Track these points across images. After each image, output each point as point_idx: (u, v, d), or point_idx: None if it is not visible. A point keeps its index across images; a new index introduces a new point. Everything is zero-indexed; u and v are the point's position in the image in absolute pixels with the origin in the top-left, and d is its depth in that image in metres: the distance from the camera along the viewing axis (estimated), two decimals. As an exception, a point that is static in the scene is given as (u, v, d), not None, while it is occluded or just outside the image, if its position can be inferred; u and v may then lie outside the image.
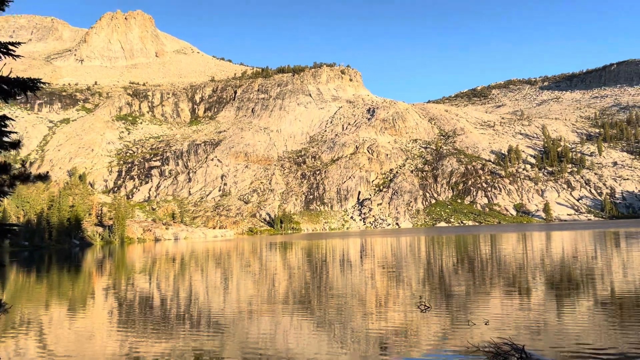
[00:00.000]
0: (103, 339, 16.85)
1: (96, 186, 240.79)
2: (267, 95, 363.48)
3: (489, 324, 17.06)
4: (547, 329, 16.07)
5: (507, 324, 17.10)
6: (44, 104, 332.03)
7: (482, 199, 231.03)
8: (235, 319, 19.37)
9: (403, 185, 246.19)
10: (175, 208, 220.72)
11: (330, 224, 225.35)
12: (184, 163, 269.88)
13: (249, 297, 25.08)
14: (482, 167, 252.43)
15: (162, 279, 36.76)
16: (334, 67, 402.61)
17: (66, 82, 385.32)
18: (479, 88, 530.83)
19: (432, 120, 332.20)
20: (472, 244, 65.96)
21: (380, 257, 49.82)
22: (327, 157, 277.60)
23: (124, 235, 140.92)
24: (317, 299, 23.29)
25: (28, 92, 13.50)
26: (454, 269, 34.75)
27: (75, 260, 65.92)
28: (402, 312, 19.42)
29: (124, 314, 21.53)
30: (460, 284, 26.70)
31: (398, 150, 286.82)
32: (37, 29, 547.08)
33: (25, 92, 13.43)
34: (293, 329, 17.26)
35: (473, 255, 47.01)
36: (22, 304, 26.00)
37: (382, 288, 26.32)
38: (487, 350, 13.36)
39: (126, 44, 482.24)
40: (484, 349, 13.56)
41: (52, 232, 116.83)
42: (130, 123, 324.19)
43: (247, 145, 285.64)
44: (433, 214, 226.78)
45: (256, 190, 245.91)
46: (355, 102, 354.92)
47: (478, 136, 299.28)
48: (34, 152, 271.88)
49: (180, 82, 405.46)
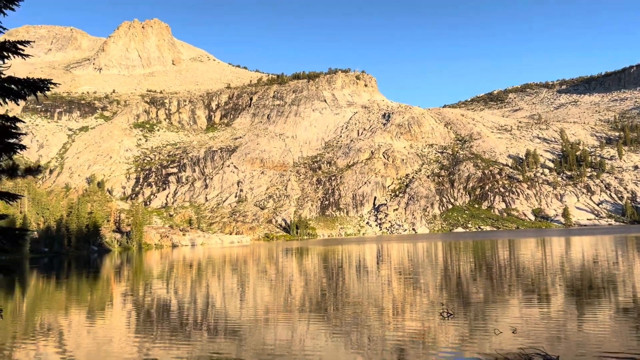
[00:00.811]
0: (121, 345, 16.94)
1: (114, 193, 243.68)
2: (283, 102, 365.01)
3: (517, 332, 16.50)
4: (575, 337, 15.64)
5: (534, 332, 16.55)
6: (64, 112, 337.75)
7: (500, 204, 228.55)
8: (251, 325, 19.33)
9: (419, 190, 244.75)
10: (192, 214, 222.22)
11: (346, 229, 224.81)
12: (201, 169, 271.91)
13: (266, 303, 25.04)
14: (499, 172, 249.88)
15: (179, 284, 36.93)
16: (348, 73, 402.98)
17: (85, 90, 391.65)
18: (496, 92, 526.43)
19: (448, 125, 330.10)
20: (490, 250, 65.17)
21: (397, 262, 49.46)
22: (343, 163, 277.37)
23: (142, 242, 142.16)
24: (333, 306, 23.15)
25: (38, 93, 13.47)
26: (472, 275, 34.31)
27: (93, 266, 66.66)
28: (421, 319, 19.18)
29: (142, 320, 21.64)
30: (480, 290, 26.33)
31: (414, 155, 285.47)
32: (57, 39, 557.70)
33: (35, 92, 13.39)
34: (310, 336, 17.15)
35: (492, 261, 46.42)
36: (42, 309, 26.30)
37: (400, 294, 26.08)
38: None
39: (143, 53, 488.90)
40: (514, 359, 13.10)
41: (71, 239, 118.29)
42: (147, 130, 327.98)
43: (262, 151, 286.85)
44: (450, 219, 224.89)
45: (272, 196, 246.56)
46: (370, 108, 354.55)
47: (495, 140, 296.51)
48: (53, 159, 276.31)
49: (196, 90, 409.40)
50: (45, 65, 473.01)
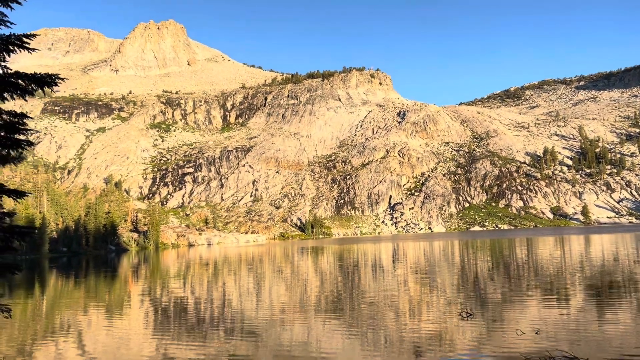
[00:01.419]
0: (139, 343, 17.05)
1: (132, 193, 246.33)
2: (297, 101, 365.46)
3: (540, 333, 15.98)
4: (599, 339, 15.17)
5: (557, 333, 15.98)
6: (81, 114, 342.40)
7: (518, 202, 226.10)
8: (268, 324, 19.32)
9: (435, 188, 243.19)
10: (208, 214, 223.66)
11: (361, 228, 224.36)
12: (216, 169, 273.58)
13: (282, 302, 25.03)
14: (516, 170, 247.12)
15: (196, 283, 37.14)
16: (363, 71, 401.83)
17: (102, 91, 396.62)
18: (512, 89, 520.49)
19: (464, 123, 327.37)
20: (508, 248, 64.43)
21: (413, 261, 49.14)
22: (358, 162, 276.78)
23: (159, 241, 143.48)
24: (349, 305, 23.04)
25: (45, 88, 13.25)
26: (490, 274, 33.92)
27: (111, 265, 67.41)
28: (438, 319, 18.96)
29: (159, 319, 21.78)
30: (499, 290, 25.99)
31: (429, 153, 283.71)
32: (75, 41, 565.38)
33: (42, 87, 13.18)
34: (326, 336, 17.08)
35: (510, 260, 45.86)
36: (62, 308, 26.63)
37: (416, 294, 25.87)
38: None
39: (159, 54, 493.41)
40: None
41: (89, 238, 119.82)
42: (163, 131, 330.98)
43: (277, 150, 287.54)
44: (467, 218, 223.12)
45: (287, 196, 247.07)
46: (385, 106, 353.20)
47: (512, 138, 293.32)
48: (72, 160, 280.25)
49: (211, 90, 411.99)
50: (63, 67, 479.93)
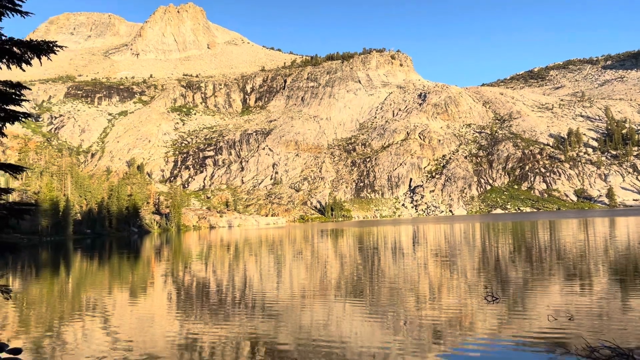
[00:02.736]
0: (162, 324, 17.32)
1: (154, 176, 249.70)
2: (317, 83, 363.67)
3: (573, 319, 15.22)
4: (636, 327, 14.58)
5: (591, 321, 15.11)
6: (103, 98, 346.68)
7: (541, 185, 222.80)
8: (288, 305, 19.44)
9: (456, 171, 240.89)
10: (229, 196, 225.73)
11: (381, 211, 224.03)
12: (237, 152, 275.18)
13: (302, 284, 25.16)
14: (540, 152, 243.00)
15: (217, 265, 37.58)
16: (383, 53, 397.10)
17: (123, 75, 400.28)
18: (536, 69, 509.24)
19: (487, 104, 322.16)
20: (530, 231, 63.61)
21: (433, 244, 48.89)
22: (378, 144, 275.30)
23: (180, 223, 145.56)
24: (369, 287, 23.04)
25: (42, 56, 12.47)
26: (512, 257, 33.54)
27: (134, 247, 68.62)
28: (460, 303, 18.81)
29: (181, 299, 22.10)
30: (523, 273, 25.66)
31: (451, 135, 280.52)
32: (96, 25, 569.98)
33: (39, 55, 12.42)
34: (346, 317, 17.11)
35: (532, 243, 45.27)
36: (87, 288, 27.23)
37: (436, 277, 25.73)
38: (579, 354, 11.74)
39: (179, 37, 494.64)
40: (576, 352, 11.92)
41: (112, 220, 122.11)
42: (184, 114, 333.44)
43: (297, 133, 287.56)
44: (488, 201, 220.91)
45: (307, 178, 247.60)
46: (405, 88, 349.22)
47: (535, 119, 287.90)
48: (94, 143, 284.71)
49: (231, 73, 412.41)
50: (85, 52, 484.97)
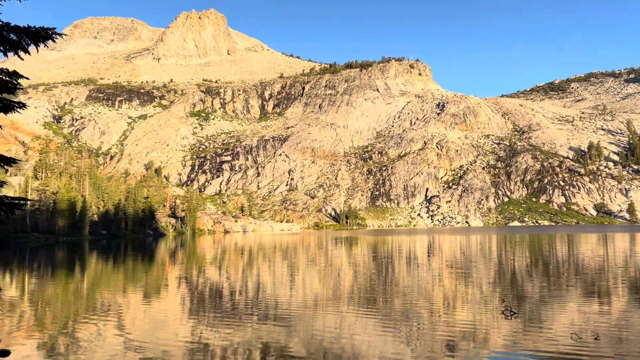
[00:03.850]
0: (175, 326, 17.33)
1: (171, 179, 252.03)
2: (335, 91, 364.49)
3: (600, 339, 14.20)
4: None
5: (620, 341, 14.08)
6: (124, 101, 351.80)
7: (559, 198, 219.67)
8: (300, 312, 19.33)
9: (474, 182, 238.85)
10: (244, 201, 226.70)
11: (396, 220, 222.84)
12: (253, 158, 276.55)
13: (315, 291, 25.03)
14: (559, 164, 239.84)
15: (231, 270, 37.62)
16: (402, 62, 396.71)
17: (144, 79, 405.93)
18: (557, 81, 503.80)
19: (506, 115, 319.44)
20: (548, 244, 62.58)
21: (448, 255, 48.37)
22: (394, 153, 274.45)
23: (195, 227, 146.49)
24: (382, 296, 22.81)
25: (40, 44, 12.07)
26: (530, 271, 32.97)
27: (149, 249, 69.13)
28: (475, 316, 18.48)
29: (194, 303, 22.12)
30: (540, 288, 25.17)
31: (469, 146, 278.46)
32: (119, 29, 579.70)
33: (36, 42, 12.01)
34: (358, 326, 16.93)
35: (551, 257, 44.48)
36: (102, 289, 27.43)
37: (451, 288, 25.38)
38: None
39: (200, 43, 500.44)
40: None
41: (128, 222, 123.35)
42: (203, 119, 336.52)
43: (314, 140, 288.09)
44: (506, 213, 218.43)
45: (322, 186, 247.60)
46: (424, 97, 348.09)
47: (555, 132, 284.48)
48: (114, 146, 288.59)
49: (250, 79, 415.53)
50: (107, 56, 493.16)
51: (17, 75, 12.30)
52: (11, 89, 12.42)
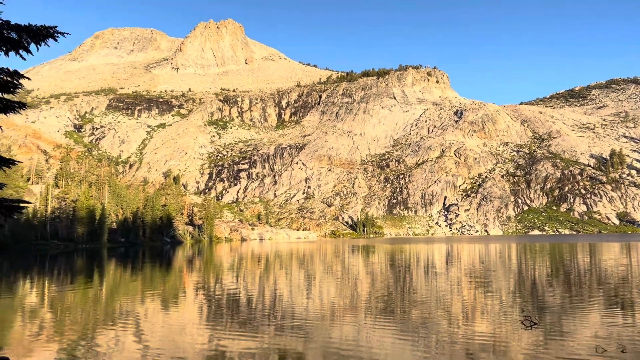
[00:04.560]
0: (192, 334, 17.36)
1: (189, 187, 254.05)
2: (351, 99, 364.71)
3: (627, 351, 13.64)
4: None
5: None
6: (143, 110, 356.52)
7: (581, 207, 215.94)
8: (318, 321, 19.21)
9: (493, 190, 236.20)
10: (261, 209, 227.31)
11: (414, 229, 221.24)
12: (270, 166, 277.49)
13: (332, 300, 24.88)
14: (580, 172, 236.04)
15: (248, 278, 37.66)
16: (419, 69, 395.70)
17: (163, 89, 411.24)
18: (577, 88, 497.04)
19: (525, 123, 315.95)
20: (570, 254, 61.45)
21: (467, 264, 47.78)
22: (412, 161, 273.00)
23: (213, 235, 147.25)
24: (400, 305, 22.57)
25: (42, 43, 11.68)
26: (551, 281, 32.36)
27: (166, 257, 69.62)
28: (494, 326, 18.16)
29: (212, 311, 22.15)
30: (560, 298, 24.66)
31: (487, 153, 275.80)
32: (139, 40, 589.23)
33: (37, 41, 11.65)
34: (376, 335, 16.76)
35: (574, 266, 43.65)
36: (120, 296, 27.65)
37: (470, 298, 25.02)
38: None
39: (218, 52, 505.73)
40: None
41: (145, 230, 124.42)
42: (221, 128, 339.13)
43: (330, 149, 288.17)
44: (525, 221, 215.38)
45: (339, 194, 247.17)
46: (441, 105, 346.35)
47: (576, 139, 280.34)
48: (133, 154, 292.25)
49: (267, 88, 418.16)
50: (127, 66, 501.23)
51: (18, 75, 12.00)
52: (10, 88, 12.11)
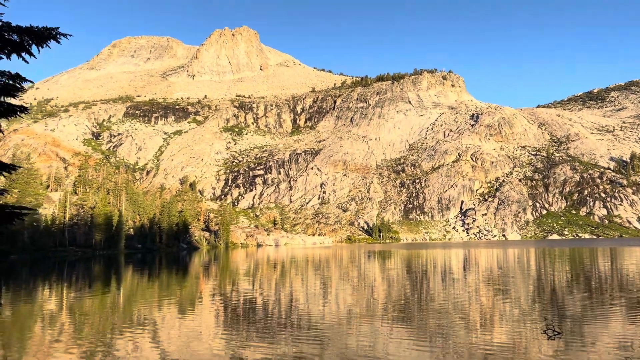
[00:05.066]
0: (209, 340, 17.38)
1: (205, 194, 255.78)
2: (366, 104, 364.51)
3: None
4: None
5: None
6: (160, 117, 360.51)
7: (601, 210, 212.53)
8: (334, 327, 19.11)
9: (510, 194, 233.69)
10: (277, 215, 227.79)
11: (430, 234, 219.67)
12: (286, 172, 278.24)
13: (348, 306, 24.74)
14: (600, 176, 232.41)
15: (264, 283, 37.66)
16: (435, 73, 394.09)
17: (179, 96, 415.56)
18: (596, 90, 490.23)
19: (542, 126, 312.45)
20: (590, 259, 60.36)
21: (485, 270, 47.21)
22: (428, 165, 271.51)
23: (229, 240, 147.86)
24: (417, 311, 22.35)
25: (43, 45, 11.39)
26: (571, 287, 31.79)
27: (183, 263, 70.01)
28: (514, 334, 17.85)
29: (228, 317, 22.17)
30: (582, 305, 24.18)
31: (504, 157, 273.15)
32: (155, 48, 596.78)
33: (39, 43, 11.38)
34: (393, 342, 16.59)
35: (595, 272, 42.84)
36: (137, 302, 27.83)
37: (488, 304, 24.68)
38: None
39: (233, 59, 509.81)
40: None
41: (162, 236, 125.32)
42: (236, 134, 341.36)
43: (345, 153, 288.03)
44: (544, 226, 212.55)
45: (354, 199, 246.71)
46: (457, 108, 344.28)
47: (595, 142, 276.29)
48: (150, 161, 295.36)
49: (282, 94, 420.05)
50: (144, 73, 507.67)
51: (20, 78, 11.85)
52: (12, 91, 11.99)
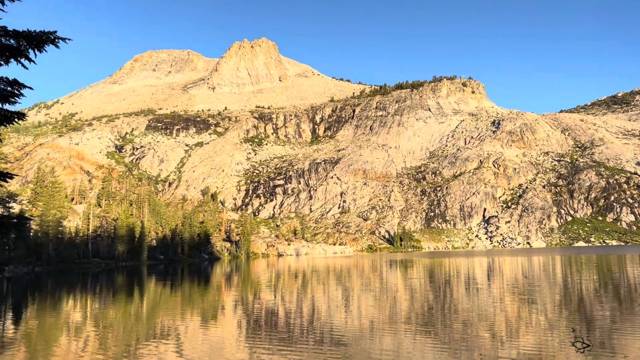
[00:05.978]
0: (232, 349, 17.40)
1: (226, 204, 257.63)
2: (385, 112, 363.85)
3: None
4: None
5: None
6: (181, 129, 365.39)
7: (628, 216, 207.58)
8: (357, 336, 18.96)
9: (534, 201, 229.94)
10: (297, 225, 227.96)
11: (453, 242, 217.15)
12: (306, 181, 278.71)
13: (370, 314, 24.54)
14: (626, 181, 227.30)
15: (285, 293, 37.63)
16: (454, 80, 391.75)
17: (200, 108, 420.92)
18: (620, 94, 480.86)
19: (566, 131, 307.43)
20: (620, 266, 58.83)
21: (510, 278, 46.42)
22: (449, 173, 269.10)
23: (250, 250, 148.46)
24: (441, 321, 22.04)
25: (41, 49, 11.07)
26: (600, 296, 31.00)
27: (205, 273, 70.44)
28: (539, 344, 17.46)
29: (251, 326, 22.18)
30: (612, 316, 23.54)
31: (527, 164, 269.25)
32: (176, 61, 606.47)
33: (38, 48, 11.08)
34: (416, 351, 16.38)
35: (624, 279, 41.73)
36: (161, 313, 28.05)
37: (513, 313, 24.21)
38: None
39: (252, 71, 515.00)
40: None
41: (184, 247, 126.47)
42: (256, 144, 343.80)
43: (365, 162, 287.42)
44: (570, 233, 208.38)
45: (375, 207, 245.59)
46: (478, 115, 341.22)
47: (621, 147, 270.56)
48: (172, 173, 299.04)
49: (301, 104, 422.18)
50: (165, 87, 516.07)
51: (19, 85, 11.66)
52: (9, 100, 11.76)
